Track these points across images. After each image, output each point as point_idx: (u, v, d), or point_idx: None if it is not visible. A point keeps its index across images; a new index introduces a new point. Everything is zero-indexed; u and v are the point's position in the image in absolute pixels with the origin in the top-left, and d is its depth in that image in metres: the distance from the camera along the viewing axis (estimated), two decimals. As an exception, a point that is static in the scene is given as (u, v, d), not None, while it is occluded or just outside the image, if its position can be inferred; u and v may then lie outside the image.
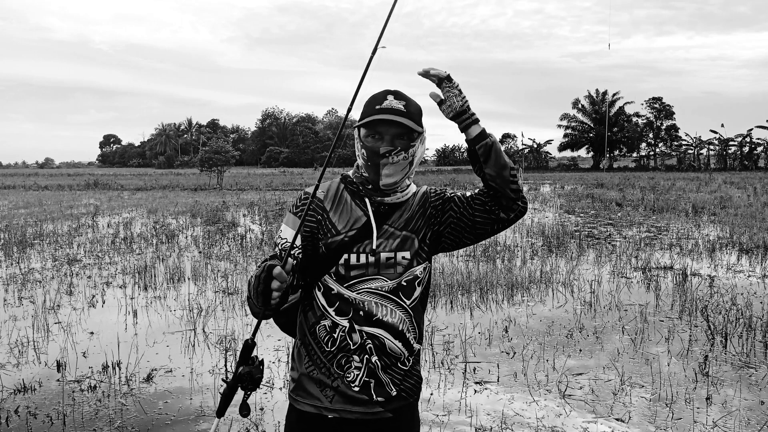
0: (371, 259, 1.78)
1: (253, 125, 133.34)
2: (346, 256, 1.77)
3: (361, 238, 1.78)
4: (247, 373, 1.67)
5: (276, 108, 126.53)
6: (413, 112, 1.79)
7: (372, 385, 1.77)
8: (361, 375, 1.76)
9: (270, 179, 44.16)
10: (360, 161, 1.83)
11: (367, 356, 1.76)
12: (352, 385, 1.76)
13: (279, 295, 1.62)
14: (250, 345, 1.71)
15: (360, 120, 1.80)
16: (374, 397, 1.77)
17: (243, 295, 7.38)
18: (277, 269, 1.60)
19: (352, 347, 1.76)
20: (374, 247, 1.77)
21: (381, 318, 1.77)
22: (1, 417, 3.99)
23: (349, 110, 1.84)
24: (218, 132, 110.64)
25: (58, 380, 4.68)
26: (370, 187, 1.82)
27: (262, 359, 1.76)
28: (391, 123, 1.74)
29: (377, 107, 1.76)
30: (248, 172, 64.62)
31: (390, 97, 1.78)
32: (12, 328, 6.07)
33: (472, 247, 10.83)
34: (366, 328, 1.76)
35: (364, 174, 1.82)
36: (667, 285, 7.79)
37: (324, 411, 1.77)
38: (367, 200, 1.82)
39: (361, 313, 1.76)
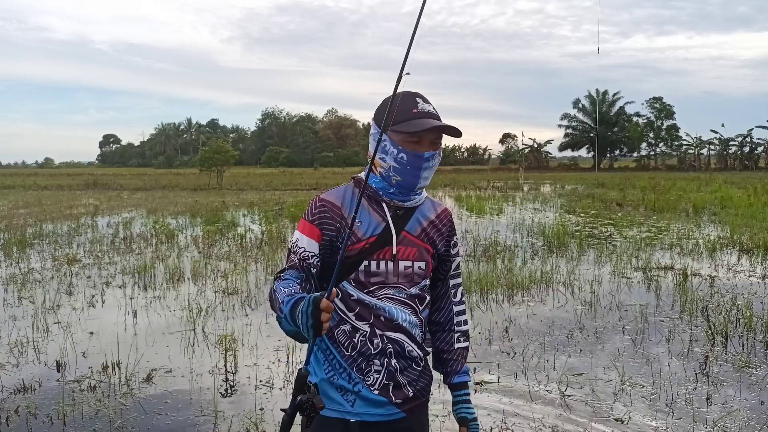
0: (390, 265, 1.77)
1: (253, 125, 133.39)
2: (366, 262, 1.76)
3: (381, 245, 1.77)
4: (307, 401, 1.61)
5: (276, 108, 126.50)
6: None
7: (391, 387, 1.78)
8: (381, 378, 1.77)
9: (270, 179, 44.15)
10: (393, 164, 1.77)
11: (387, 359, 1.77)
12: (372, 388, 1.77)
13: (328, 326, 1.57)
14: (304, 374, 1.63)
15: (396, 123, 1.74)
16: (393, 399, 1.78)
17: (242, 296, 7.38)
18: (324, 302, 1.53)
19: (372, 351, 1.76)
20: (394, 252, 1.78)
21: (401, 323, 1.78)
22: (1, 417, 3.98)
23: (384, 127, 1.79)
24: (218, 132, 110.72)
25: (57, 380, 4.68)
26: (391, 191, 1.80)
27: (317, 384, 1.70)
28: (433, 128, 1.75)
29: (414, 111, 1.76)
30: (248, 172, 64.59)
31: (419, 101, 1.79)
32: (12, 328, 6.07)
33: (472, 247, 10.83)
34: (387, 333, 1.77)
35: (395, 177, 1.77)
36: (668, 285, 7.78)
37: (346, 415, 1.78)
38: (384, 205, 1.81)
39: (382, 318, 1.77)
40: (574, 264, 9.29)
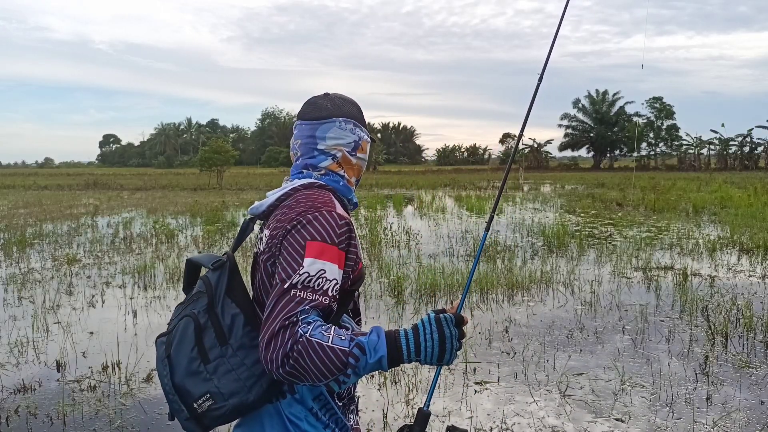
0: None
1: (253, 125, 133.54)
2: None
3: None
4: None
5: (276, 108, 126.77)
6: None
7: (355, 416, 1.64)
8: (356, 414, 1.62)
9: (270, 179, 44.12)
10: (348, 175, 1.59)
11: (356, 395, 1.61)
12: (351, 427, 1.58)
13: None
14: (427, 414, 1.44)
15: (364, 129, 1.64)
16: (358, 425, 1.65)
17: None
18: (461, 316, 1.39)
19: (352, 391, 1.56)
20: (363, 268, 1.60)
21: None
22: (1, 417, 3.98)
23: (521, 134, 1.83)
24: (218, 132, 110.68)
25: (57, 380, 4.68)
26: (355, 200, 1.65)
27: None
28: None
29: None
30: (248, 172, 64.58)
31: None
32: (12, 328, 6.07)
33: (472, 246, 10.83)
34: None
35: (342, 189, 1.57)
36: (668, 285, 7.78)
37: None
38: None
39: None
40: (574, 264, 9.29)
